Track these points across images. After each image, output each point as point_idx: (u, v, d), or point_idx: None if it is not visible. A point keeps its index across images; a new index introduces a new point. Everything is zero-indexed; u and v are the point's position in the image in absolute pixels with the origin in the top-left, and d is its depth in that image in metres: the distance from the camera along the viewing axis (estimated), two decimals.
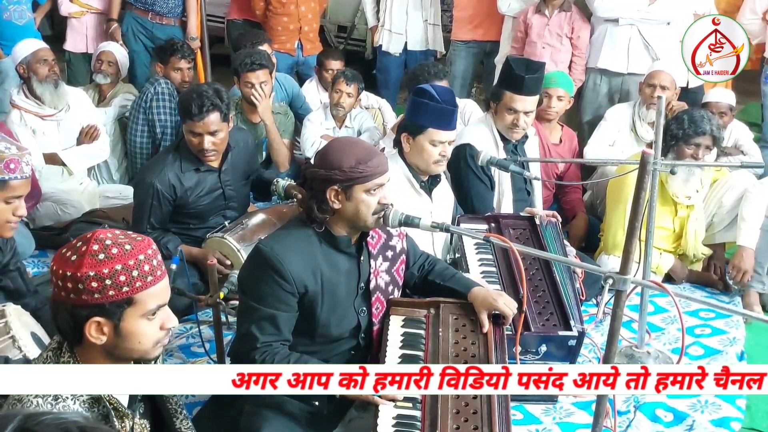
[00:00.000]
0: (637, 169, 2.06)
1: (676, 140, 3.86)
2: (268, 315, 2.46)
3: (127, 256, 1.76)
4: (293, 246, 2.49)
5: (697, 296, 3.79)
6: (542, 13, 5.21)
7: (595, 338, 3.49)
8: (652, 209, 3.19)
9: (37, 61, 4.50)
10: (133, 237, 1.83)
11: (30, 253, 4.24)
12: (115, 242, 1.78)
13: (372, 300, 2.65)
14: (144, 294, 1.80)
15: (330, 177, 2.44)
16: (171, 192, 3.62)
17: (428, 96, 3.23)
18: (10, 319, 2.85)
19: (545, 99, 4.60)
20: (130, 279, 1.77)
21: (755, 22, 5.12)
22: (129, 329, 1.82)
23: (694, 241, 4.09)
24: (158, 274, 1.82)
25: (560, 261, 3.22)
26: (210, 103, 3.52)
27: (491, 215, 3.68)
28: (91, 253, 1.75)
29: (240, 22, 6.17)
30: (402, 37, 5.93)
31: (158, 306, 1.84)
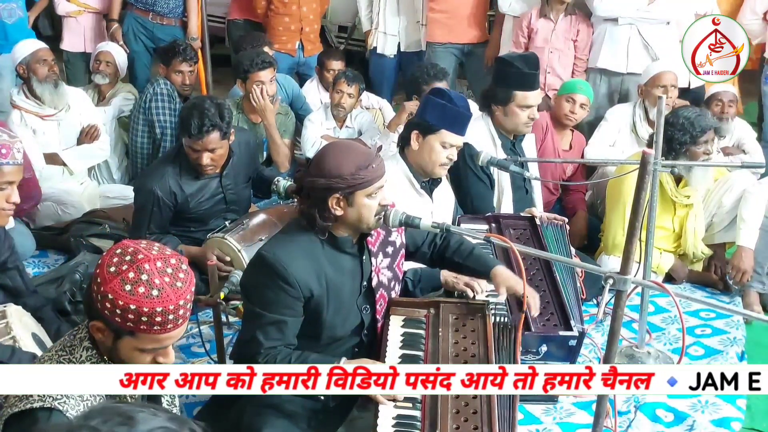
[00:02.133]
0: (638, 169, 2.06)
1: (685, 145, 3.85)
2: (273, 321, 2.45)
3: (148, 302, 1.77)
4: (296, 251, 2.48)
5: (698, 296, 3.79)
6: (547, 18, 5.19)
7: (595, 338, 3.49)
8: (652, 209, 3.19)
9: (36, 61, 4.50)
10: (173, 282, 1.80)
11: (31, 253, 4.25)
12: (150, 280, 1.78)
13: (376, 297, 2.65)
14: (145, 336, 1.82)
15: (331, 186, 2.42)
16: (171, 199, 3.62)
17: (446, 98, 3.24)
18: (11, 320, 2.85)
19: (568, 103, 4.62)
20: (137, 320, 1.79)
21: (756, 22, 5.12)
22: (123, 350, 1.86)
23: (693, 240, 4.09)
24: (169, 327, 1.81)
25: (560, 261, 3.22)
26: (210, 123, 3.49)
27: (491, 215, 3.69)
28: (123, 279, 1.77)
29: (241, 22, 6.16)
30: (396, 38, 5.92)
31: (155, 348, 1.85)
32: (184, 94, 4.91)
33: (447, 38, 5.66)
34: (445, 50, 5.69)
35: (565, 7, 5.15)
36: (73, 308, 3.44)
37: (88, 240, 4.14)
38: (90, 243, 4.12)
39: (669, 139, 3.75)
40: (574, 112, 4.65)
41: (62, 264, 3.99)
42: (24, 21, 5.50)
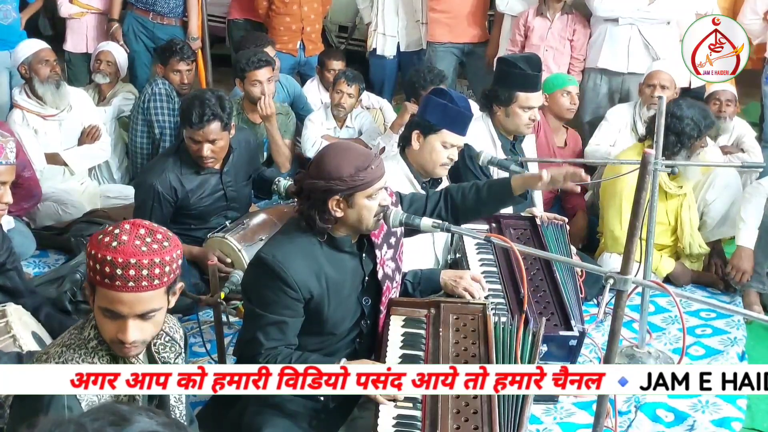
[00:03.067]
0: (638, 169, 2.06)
1: (692, 139, 3.87)
2: (274, 321, 2.46)
3: (104, 250, 1.83)
4: (295, 252, 2.48)
5: (698, 296, 3.79)
6: (544, 16, 5.20)
7: (595, 338, 3.49)
8: (652, 210, 3.19)
9: (38, 61, 4.51)
10: (136, 242, 1.85)
11: (31, 253, 4.26)
12: (118, 235, 1.85)
13: (383, 290, 2.66)
14: (101, 291, 1.86)
15: (330, 188, 2.41)
16: (172, 194, 3.62)
17: (448, 98, 3.24)
18: (11, 319, 2.86)
19: (566, 97, 4.64)
20: (94, 268, 1.85)
21: (756, 22, 5.12)
22: (96, 313, 1.92)
23: (690, 230, 4.10)
24: (117, 284, 1.83)
25: (561, 261, 3.22)
26: (211, 113, 3.49)
27: (492, 215, 3.68)
28: (103, 233, 1.87)
29: (241, 22, 6.16)
30: (395, 39, 5.91)
31: (110, 311, 1.87)
32: (183, 93, 4.90)
33: (447, 38, 5.66)
34: (445, 50, 5.68)
35: (561, 5, 5.16)
36: (74, 308, 3.44)
37: (88, 240, 4.13)
38: None
39: (678, 133, 3.78)
40: (574, 104, 4.70)
41: (62, 264, 3.99)
42: (18, 22, 5.50)
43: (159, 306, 1.92)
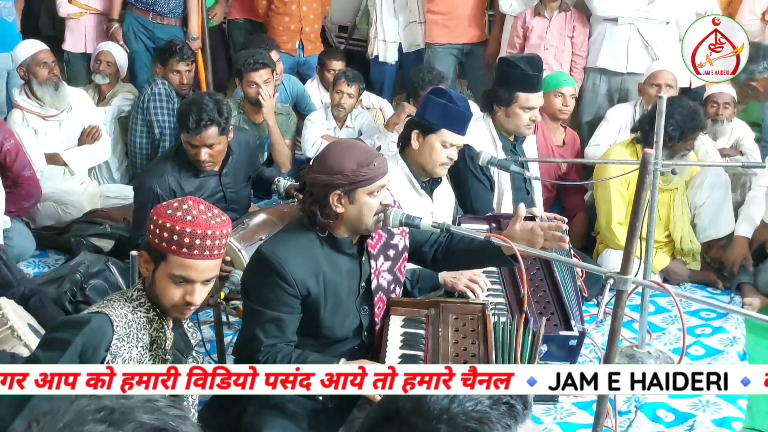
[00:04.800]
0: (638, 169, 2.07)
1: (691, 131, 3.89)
2: (272, 318, 2.46)
3: (180, 222, 2.05)
4: (295, 249, 2.49)
5: (698, 296, 3.79)
6: (542, 15, 5.19)
7: (595, 338, 3.49)
8: (652, 210, 3.20)
9: (36, 63, 4.50)
10: (207, 216, 2.09)
11: (31, 252, 4.26)
12: (188, 209, 2.07)
13: (375, 300, 2.65)
14: (175, 259, 2.06)
15: (332, 182, 2.43)
16: (171, 197, 3.60)
17: (447, 97, 3.25)
18: (6, 311, 2.88)
19: (558, 98, 4.61)
20: (170, 239, 2.05)
21: (755, 23, 5.11)
22: (159, 280, 2.12)
23: (682, 225, 4.11)
24: (195, 253, 2.05)
25: (561, 261, 3.22)
26: (208, 118, 3.49)
27: (492, 215, 3.69)
28: (168, 206, 2.09)
29: (241, 22, 6.16)
30: (396, 44, 5.88)
31: (183, 277, 2.08)
32: (182, 93, 4.91)
33: (446, 39, 5.65)
34: (444, 51, 5.67)
35: (558, 3, 5.15)
36: (74, 308, 3.43)
37: (88, 240, 4.14)
38: (90, 243, 4.12)
39: (679, 127, 3.79)
40: (567, 105, 4.66)
41: (62, 264, 3.99)
42: (15, 23, 5.50)
43: (217, 273, 2.19)
